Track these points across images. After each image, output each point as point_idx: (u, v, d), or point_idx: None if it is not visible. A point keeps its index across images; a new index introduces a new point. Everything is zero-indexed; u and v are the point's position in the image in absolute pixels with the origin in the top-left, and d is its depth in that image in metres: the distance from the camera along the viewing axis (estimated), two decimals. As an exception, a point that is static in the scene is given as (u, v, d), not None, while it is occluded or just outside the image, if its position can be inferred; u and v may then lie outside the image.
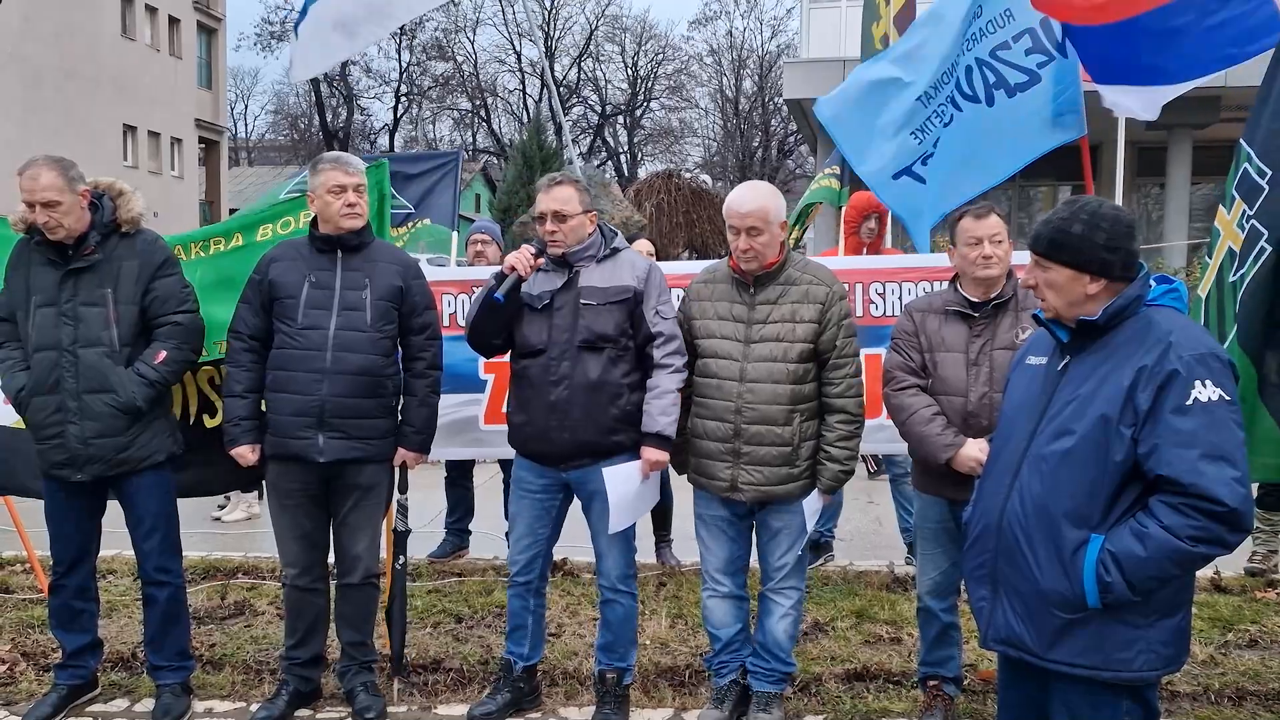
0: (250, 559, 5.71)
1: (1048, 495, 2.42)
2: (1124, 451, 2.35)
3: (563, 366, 3.57)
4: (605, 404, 3.58)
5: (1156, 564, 2.30)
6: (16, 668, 4.26)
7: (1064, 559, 2.39)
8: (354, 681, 3.82)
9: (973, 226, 3.49)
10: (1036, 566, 2.43)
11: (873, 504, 6.68)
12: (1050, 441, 2.45)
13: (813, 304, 3.52)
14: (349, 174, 3.68)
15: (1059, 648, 2.43)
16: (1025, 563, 2.45)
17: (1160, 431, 2.31)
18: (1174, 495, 2.29)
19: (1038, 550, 2.43)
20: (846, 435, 3.55)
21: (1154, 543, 2.29)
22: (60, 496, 3.75)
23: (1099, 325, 2.45)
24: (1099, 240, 2.43)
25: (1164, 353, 2.34)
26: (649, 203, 21.39)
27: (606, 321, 3.58)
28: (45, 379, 3.62)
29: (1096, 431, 2.37)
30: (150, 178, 30.71)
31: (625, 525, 3.68)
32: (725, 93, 43.53)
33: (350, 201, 3.67)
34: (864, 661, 4.21)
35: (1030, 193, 17.29)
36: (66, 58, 27.48)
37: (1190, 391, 2.30)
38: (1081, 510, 2.38)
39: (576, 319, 3.58)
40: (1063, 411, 2.46)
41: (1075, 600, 2.38)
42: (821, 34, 16.29)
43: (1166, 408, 2.31)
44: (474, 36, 42.98)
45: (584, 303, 3.59)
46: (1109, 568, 2.33)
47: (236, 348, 3.73)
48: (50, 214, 3.57)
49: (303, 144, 43.93)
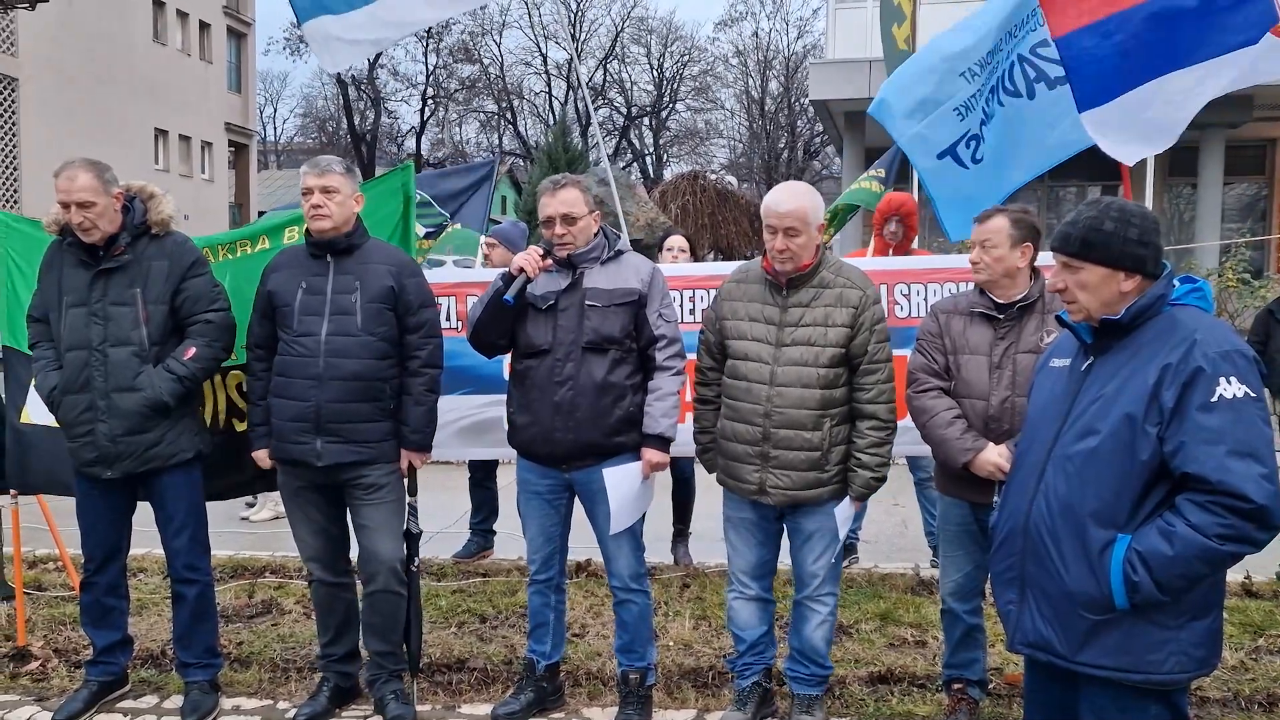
0: (278, 558, 5.76)
1: (1073, 495, 2.41)
2: (1150, 450, 2.33)
3: (568, 367, 3.58)
4: (610, 405, 3.58)
5: (1185, 563, 2.28)
6: (49, 664, 4.32)
7: (1091, 559, 2.37)
8: (384, 690, 3.83)
9: (975, 229, 3.52)
10: (1063, 567, 2.41)
11: (898, 506, 6.64)
12: (1075, 442, 2.44)
13: (846, 308, 3.49)
14: (317, 176, 3.66)
15: (1088, 650, 2.41)
16: (1052, 564, 2.44)
17: (1187, 429, 2.29)
18: (1201, 493, 2.27)
19: (1064, 551, 2.41)
20: (878, 442, 3.52)
21: (1182, 541, 2.27)
22: (92, 494, 3.81)
23: (1122, 324, 2.43)
24: (1132, 236, 2.42)
25: (1188, 350, 2.32)
26: (674, 204, 21.39)
27: (612, 323, 3.58)
28: (76, 378, 3.68)
29: (1122, 430, 2.36)
30: (181, 181, 31.07)
31: (624, 526, 3.67)
32: (751, 94, 43.49)
33: (315, 203, 3.63)
34: (888, 664, 4.19)
35: (1059, 193, 17.14)
36: (99, 63, 27.85)
37: (1215, 388, 2.28)
38: (1108, 510, 2.37)
39: (582, 320, 3.59)
40: (1087, 411, 2.44)
41: (1103, 601, 2.36)
42: (848, 34, 16.25)
43: (1192, 405, 2.29)
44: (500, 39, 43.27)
45: (589, 304, 3.60)
46: (1136, 567, 2.30)
47: (250, 357, 3.82)
48: (85, 214, 3.62)
49: (331, 147, 44.19)
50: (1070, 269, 2.49)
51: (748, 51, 43.32)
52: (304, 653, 4.39)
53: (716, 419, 3.67)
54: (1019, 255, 3.44)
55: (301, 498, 3.79)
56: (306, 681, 4.12)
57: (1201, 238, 14.59)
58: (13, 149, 24.97)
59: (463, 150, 44.75)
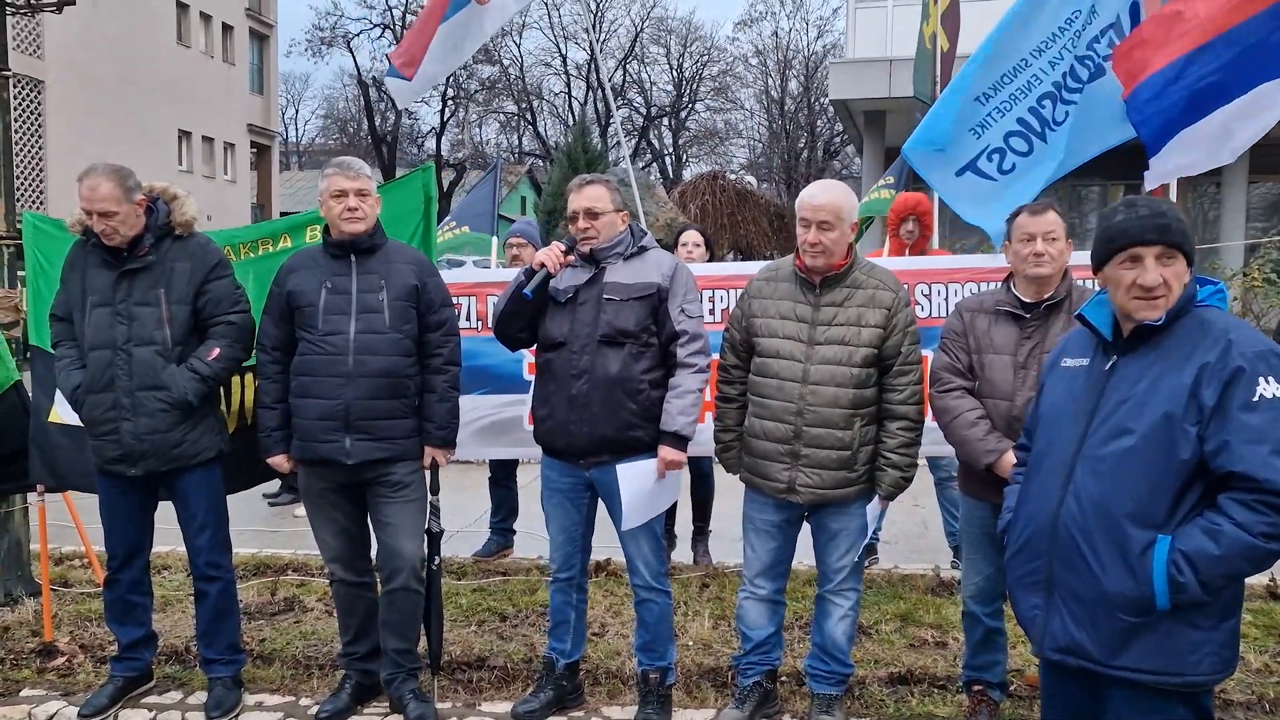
0: (300, 556, 5.80)
1: (1108, 496, 2.38)
2: (1190, 449, 2.31)
3: (583, 360, 3.59)
4: (624, 399, 3.58)
5: (1229, 562, 2.27)
6: (75, 659, 4.37)
7: (1130, 561, 2.34)
8: (402, 689, 3.85)
9: (1027, 222, 3.43)
10: (1100, 569, 2.39)
11: (918, 507, 6.62)
12: (1106, 442, 2.41)
13: (879, 309, 3.49)
14: (350, 178, 3.70)
15: (1125, 653, 2.38)
16: (1086, 566, 2.41)
17: (1230, 428, 2.28)
18: (1246, 492, 2.26)
19: (1100, 553, 2.38)
20: (908, 442, 3.52)
21: (1228, 540, 2.26)
22: (114, 492, 3.85)
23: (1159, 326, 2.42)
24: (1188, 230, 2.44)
25: (1225, 350, 2.32)
26: (694, 204, 21.35)
27: (628, 317, 3.59)
28: (100, 377, 3.72)
29: (1159, 430, 2.34)
30: (204, 182, 31.36)
31: (637, 523, 3.66)
32: (770, 94, 43.36)
33: (351, 206, 3.68)
34: (908, 665, 4.18)
35: (1081, 192, 16.99)
36: (124, 65, 28.12)
37: (1256, 388, 2.28)
38: (1145, 510, 2.35)
39: (599, 314, 3.60)
40: (1117, 411, 2.42)
41: (1143, 602, 2.34)
42: (868, 34, 16.16)
43: (1234, 404, 2.28)
44: (520, 40, 43.18)
45: (607, 298, 3.61)
46: (1181, 568, 2.29)
47: (263, 360, 3.80)
48: (107, 223, 3.67)
49: (352, 148, 44.38)
50: (1167, 261, 2.42)
51: (767, 51, 43.23)
52: (326, 650, 4.43)
53: (739, 417, 3.67)
54: (1068, 249, 3.45)
55: (325, 499, 3.81)
56: (328, 678, 4.15)
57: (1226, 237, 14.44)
58: (39, 150, 25.26)
59: (482, 151, 44.86)
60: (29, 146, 24.88)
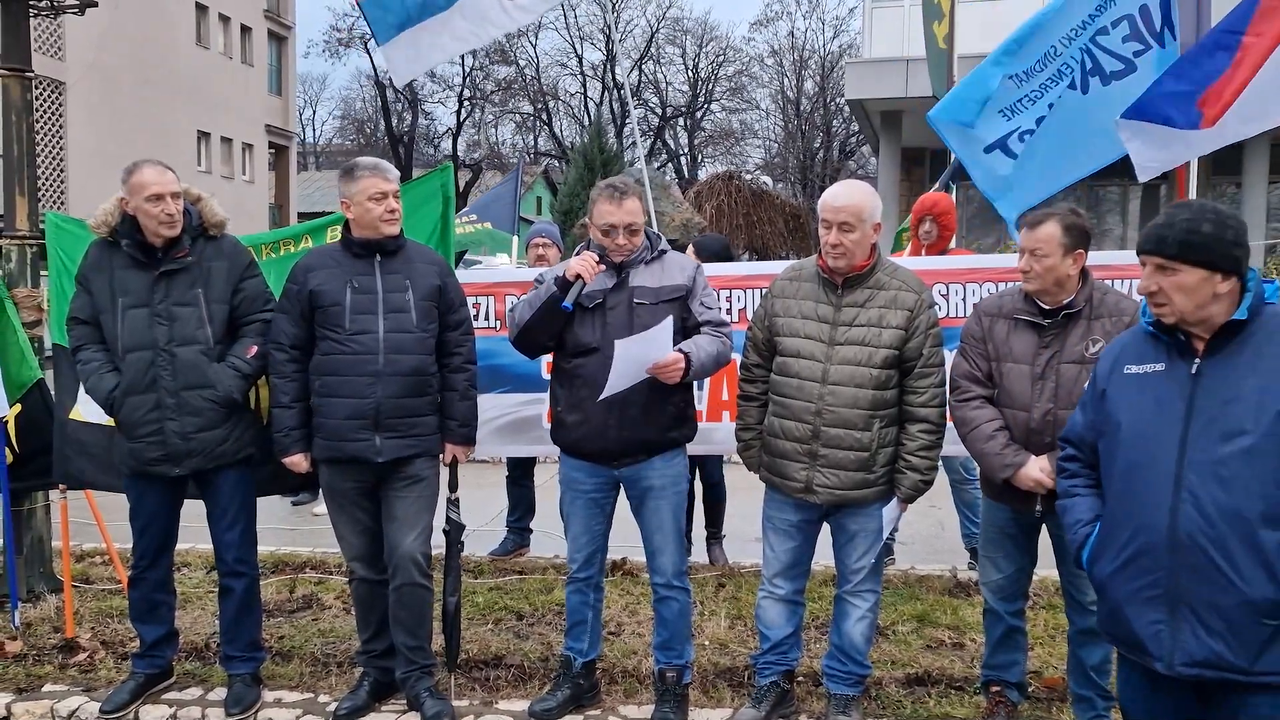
0: (318, 554, 5.83)
1: (1236, 500, 2.33)
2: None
3: None
4: (662, 400, 3.60)
5: None
6: (97, 655, 4.41)
7: (1269, 563, 2.30)
8: (417, 687, 3.85)
9: (1022, 235, 3.42)
10: (1238, 577, 2.32)
11: (935, 508, 6.59)
12: (1221, 444, 2.36)
13: (901, 310, 3.48)
14: (388, 180, 3.73)
15: (1266, 657, 2.32)
16: (1221, 575, 2.33)
17: None
18: None
19: (1236, 560, 2.32)
20: (928, 445, 3.51)
21: None
22: (149, 493, 3.88)
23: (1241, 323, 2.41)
24: (1229, 238, 2.42)
25: None
26: (709, 204, 21.35)
27: (660, 319, 3.59)
28: (140, 378, 3.74)
29: (1278, 426, 2.32)
30: (223, 182, 31.53)
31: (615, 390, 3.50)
32: (786, 93, 43.26)
33: (391, 208, 3.71)
34: (925, 666, 4.17)
35: (1100, 193, 16.90)
36: (143, 66, 28.31)
37: None
38: (1275, 509, 2.31)
39: (631, 318, 3.60)
40: (1224, 413, 2.38)
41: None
42: (884, 33, 16.12)
43: None
44: (536, 40, 43.10)
45: (637, 302, 3.62)
46: None
47: (279, 359, 3.77)
48: (177, 204, 3.72)
49: (369, 148, 44.54)
50: (1166, 271, 2.44)
51: (783, 51, 43.12)
52: (344, 647, 4.45)
53: (760, 416, 3.67)
54: (1071, 263, 3.35)
55: (348, 499, 3.83)
56: (347, 676, 4.17)
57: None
58: (60, 151, 25.47)
59: (498, 152, 44.97)
60: (50, 147, 25.08)
